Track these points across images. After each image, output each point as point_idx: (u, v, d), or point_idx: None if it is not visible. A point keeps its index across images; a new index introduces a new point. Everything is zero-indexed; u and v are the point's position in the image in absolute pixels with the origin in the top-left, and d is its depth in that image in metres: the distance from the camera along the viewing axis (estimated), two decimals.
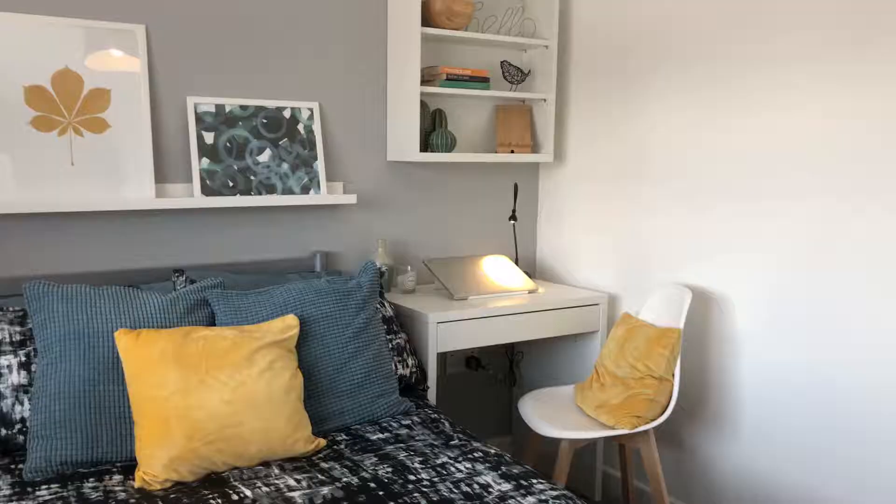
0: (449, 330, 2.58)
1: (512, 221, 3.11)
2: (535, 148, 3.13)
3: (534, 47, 3.08)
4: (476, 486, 1.76)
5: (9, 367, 1.95)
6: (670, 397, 2.46)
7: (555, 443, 3.08)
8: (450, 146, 2.89)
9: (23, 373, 1.95)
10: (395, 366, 2.40)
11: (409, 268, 2.89)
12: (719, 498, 2.65)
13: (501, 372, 3.34)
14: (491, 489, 1.74)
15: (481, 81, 2.94)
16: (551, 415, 2.54)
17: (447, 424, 2.16)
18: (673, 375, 2.46)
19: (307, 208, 2.79)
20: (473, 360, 3.19)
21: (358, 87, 2.84)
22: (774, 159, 2.39)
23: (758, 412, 2.50)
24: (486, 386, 3.31)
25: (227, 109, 2.59)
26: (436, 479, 1.79)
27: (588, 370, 3.01)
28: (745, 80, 2.45)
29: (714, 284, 2.61)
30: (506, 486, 1.75)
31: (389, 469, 1.84)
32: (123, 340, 1.91)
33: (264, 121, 2.64)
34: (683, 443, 2.76)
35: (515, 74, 3.05)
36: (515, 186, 3.11)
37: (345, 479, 1.78)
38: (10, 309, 2.09)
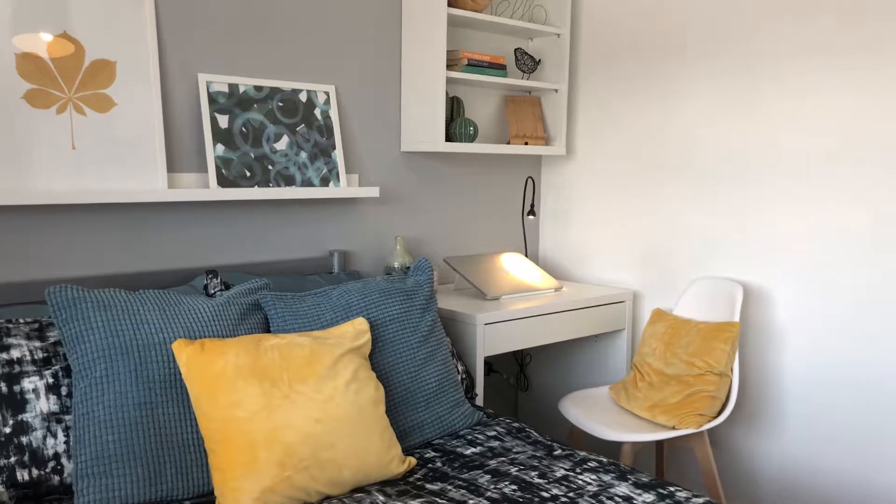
0: (494, 332, 2.38)
1: (531, 216, 2.95)
2: (546, 140, 2.99)
3: (542, 35, 2.94)
4: (617, 497, 1.58)
5: (34, 391, 1.57)
6: (729, 393, 2.38)
7: (596, 446, 2.93)
8: (472, 136, 2.69)
9: (52, 397, 1.59)
10: None
11: None
12: (759, 496, 2.59)
13: (512, 376, 3.16)
14: (635, 501, 1.57)
15: (498, 68, 2.77)
16: (601, 417, 2.39)
17: (534, 433, 1.97)
18: (732, 371, 2.38)
19: (324, 202, 2.51)
20: (486, 364, 3.00)
21: (371, 71, 2.59)
22: (809, 151, 2.35)
23: (802, 409, 2.46)
24: (497, 390, 3.12)
25: (242, 90, 2.28)
26: (571, 495, 1.59)
27: (604, 370, 2.89)
28: (772, 69, 2.41)
29: (746, 279, 2.56)
30: (648, 497, 1.58)
31: (514, 487, 1.62)
32: (185, 353, 1.59)
33: (280, 104, 2.35)
34: (720, 440, 2.69)
35: (529, 63, 2.90)
36: (531, 181, 2.95)
37: (471, 502, 1.55)
38: (23, 321, 1.70)
